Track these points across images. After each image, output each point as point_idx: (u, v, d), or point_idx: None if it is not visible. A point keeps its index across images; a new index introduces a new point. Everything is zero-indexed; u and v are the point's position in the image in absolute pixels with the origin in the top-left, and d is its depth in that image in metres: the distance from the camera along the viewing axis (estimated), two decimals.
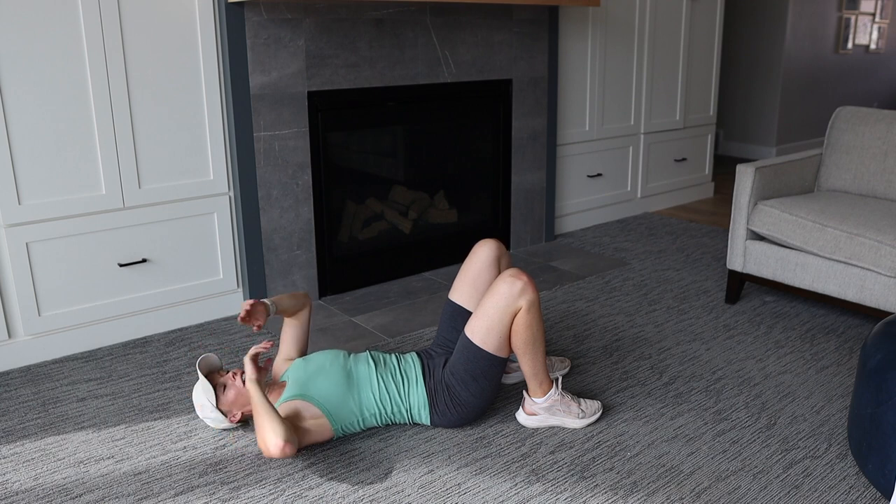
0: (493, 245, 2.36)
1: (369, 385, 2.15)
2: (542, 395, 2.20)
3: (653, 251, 3.99)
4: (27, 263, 2.62)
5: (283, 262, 3.15)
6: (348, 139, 3.28)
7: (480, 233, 3.85)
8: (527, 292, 2.06)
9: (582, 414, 2.23)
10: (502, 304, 2.06)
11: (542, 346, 2.14)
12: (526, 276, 2.08)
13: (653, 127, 4.70)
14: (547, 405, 2.20)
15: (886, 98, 7.90)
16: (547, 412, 2.21)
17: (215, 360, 2.25)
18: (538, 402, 2.21)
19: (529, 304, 2.06)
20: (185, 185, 2.91)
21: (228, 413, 2.15)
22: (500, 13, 3.61)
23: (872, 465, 1.84)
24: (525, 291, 2.06)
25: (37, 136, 2.56)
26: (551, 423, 2.23)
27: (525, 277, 2.08)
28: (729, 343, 2.82)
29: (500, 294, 2.07)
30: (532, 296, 2.07)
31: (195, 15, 2.81)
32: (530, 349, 2.12)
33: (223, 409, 2.15)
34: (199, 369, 2.17)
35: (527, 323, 2.08)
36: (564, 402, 2.21)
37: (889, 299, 2.69)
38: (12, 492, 1.95)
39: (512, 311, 2.07)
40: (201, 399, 2.14)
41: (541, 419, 2.22)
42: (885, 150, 3.16)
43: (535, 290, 2.08)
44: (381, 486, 1.96)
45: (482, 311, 2.09)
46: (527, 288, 2.06)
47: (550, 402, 2.20)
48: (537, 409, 2.21)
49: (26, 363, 2.69)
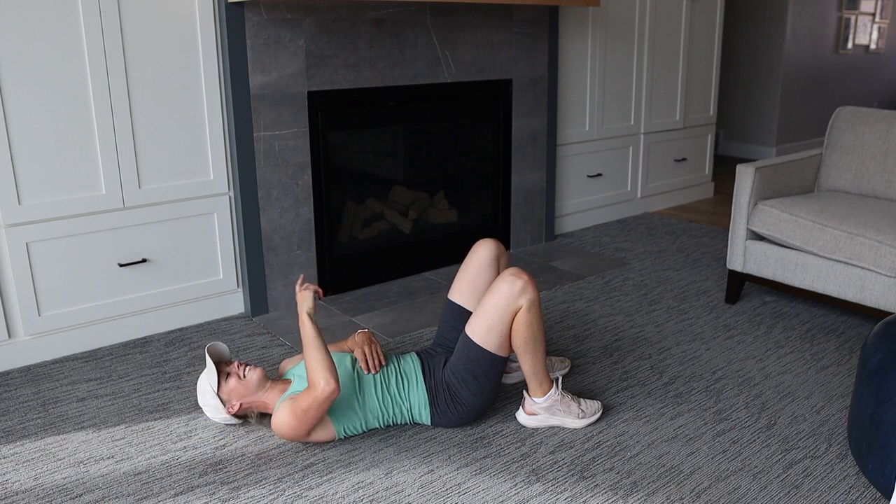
0: (492, 245, 2.37)
1: (373, 387, 2.15)
2: (542, 394, 2.20)
3: (653, 251, 3.99)
4: (27, 263, 2.62)
5: (283, 262, 3.15)
6: (348, 139, 3.28)
7: (480, 233, 3.85)
8: (527, 291, 2.06)
9: (582, 414, 2.23)
10: (503, 303, 2.06)
11: (543, 345, 2.15)
12: (526, 275, 2.09)
13: (653, 127, 4.70)
14: (547, 405, 2.20)
15: (886, 98, 7.90)
16: (547, 412, 2.21)
17: (224, 350, 2.26)
18: (538, 402, 2.21)
19: (530, 303, 2.07)
20: (185, 185, 2.91)
21: (227, 402, 2.15)
22: (500, 13, 3.61)
23: (872, 465, 1.84)
24: (525, 290, 2.06)
25: (37, 136, 2.56)
26: (551, 423, 2.23)
27: (525, 276, 2.08)
28: (729, 343, 2.82)
29: (500, 293, 2.07)
30: (532, 295, 2.07)
31: (195, 15, 2.81)
32: (531, 348, 2.12)
33: (223, 396, 2.14)
34: (208, 354, 2.17)
35: (527, 322, 2.08)
36: (564, 402, 2.22)
37: (889, 299, 2.69)
38: (12, 492, 1.95)
39: (512, 310, 2.07)
40: (203, 384, 2.15)
41: (541, 419, 2.22)
42: (885, 150, 3.16)
43: (535, 289, 2.08)
44: (381, 486, 1.96)
45: (483, 310, 2.09)
46: (527, 287, 2.06)
47: (550, 402, 2.20)
48: (537, 408, 2.21)
49: (26, 363, 2.69)
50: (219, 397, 2.14)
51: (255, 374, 2.15)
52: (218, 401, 2.14)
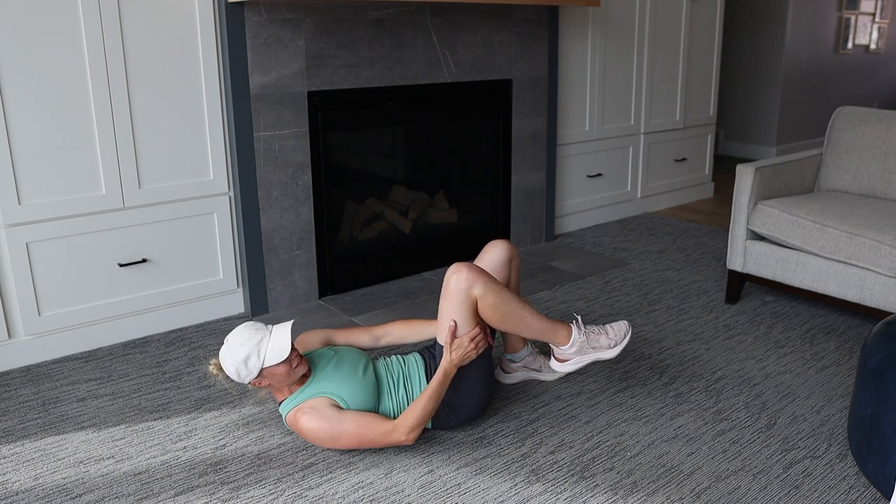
0: (506, 246, 2.34)
1: (387, 391, 2.14)
2: (566, 342, 2.16)
3: (653, 251, 3.99)
4: (27, 263, 2.62)
5: (283, 262, 3.15)
6: (348, 139, 3.28)
7: (480, 233, 3.86)
8: (475, 279, 2.03)
9: (612, 343, 2.18)
10: (456, 302, 2.03)
11: (524, 310, 2.10)
12: (465, 266, 2.05)
13: (653, 127, 4.70)
14: (575, 349, 2.16)
15: (886, 98, 7.90)
16: (578, 354, 2.17)
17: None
18: (565, 349, 2.17)
19: (483, 289, 2.03)
20: (185, 185, 2.91)
21: (260, 377, 2.01)
22: (500, 13, 3.61)
23: (872, 465, 1.84)
24: (474, 280, 2.03)
25: (37, 136, 2.56)
26: (586, 362, 2.19)
27: (465, 267, 2.04)
28: (729, 343, 2.82)
29: (452, 293, 2.04)
30: (482, 279, 2.03)
31: (195, 15, 2.81)
32: (513, 323, 2.09)
33: (265, 373, 2.00)
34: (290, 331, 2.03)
35: (492, 305, 2.05)
36: (592, 339, 2.17)
37: (889, 299, 2.69)
38: (12, 492, 1.95)
39: (471, 304, 2.04)
40: (265, 352, 1.97)
41: (574, 362, 2.18)
42: (885, 150, 3.16)
43: (481, 273, 2.04)
44: (381, 486, 1.96)
45: (443, 315, 2.06)
46: (471, 275, 2.03)
47: (578, 346, 2.16)
48: (567, 354, 2.18)
49: (26, 363, 2.69)
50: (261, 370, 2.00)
51: (301, 371, 2.04)
52: (258, 373, 1.99)
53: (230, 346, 1.98)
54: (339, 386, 2.06)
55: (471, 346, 2.05)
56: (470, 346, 2.05)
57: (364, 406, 2.07)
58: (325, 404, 2.03)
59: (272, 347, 1.97)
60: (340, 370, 2.10)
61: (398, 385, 2.15)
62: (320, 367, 2.12)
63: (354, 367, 2.12)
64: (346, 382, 2.07)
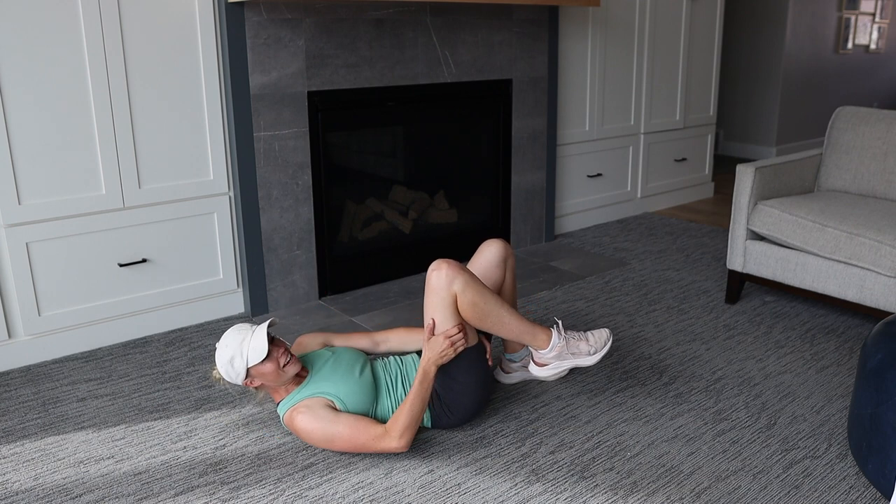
0: (500, 245, 2.35)
1: (385, 392, 2.14)
2: (545, 345, 2.15)
3: (653, 251, 3.99)
4: (27, 263, 2.62)
5: (283, 262, 3.15)
6: (348, 139, 3.28)
7: (480, 233, 3.86)
8: (455, 275, 2.03)
9: (592, 350, 2.18)
10: (436, 298, 2.03)
11: (503, 309, 2.09)
12: (445, 262, 2.05)
13: (653, 127, 4.70)
14: (554, 353, 2.16)
15: (886, 98, 7.90)
16: (557, 359, 2.17)
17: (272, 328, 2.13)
18: (544, 353, 2.16)
19: (463, 285, 2.03)
20: (185, 185, 2.91)
21: (250, 377, 2.03)
22: (500, 13, 3.61)
23: (872, 465, 1.84)
24: (454, 276, 2.02)
25: (37, 136, 2.56)
26: (565, 368, 2.18)
27: (445, 264, 2.04)
28: (729, 343, 2.82)
29: (432, 290, 2.04)
30: (461, 276, 2.03)
31: (195, 15, 2.81)
32: (491, 322, 2.08)
33: (253, 373, 2.02)
34: (268, 329, 2.03)
35: (470, 302, 2.04)
36: (572, 345, 2.16)
37: (889, 299, 2.69)
38: (12, 492, 1.95)
39: (451, 301, 2.03)
40: (247, 351, 1.98)
41: (553, 367, 2.18)
42: (885, 150, 3.16)
43: (461, 269, 2.04)
44: (381, 486, 1.96)
45: (426, 314, 2.07)
46: (451, 271, 2.03)
47: (557, 350, 2.16)
48: (546, 358, 2.17)
49: (26, 363, 2.69)
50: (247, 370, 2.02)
51: (292, 370, 2.04)
52: (245, 373, 2.01)
53: (219, 348, 2.03)
54: (336, 386, 2.06)
55: (446, 344, 2.02)
56: (446, 344, 2.02)
57: (361, 406, 2.07)
58: (320, 405, 2.03)
59: (252, 346, 1.98)
60: (338, 370, 2.10)
61: (396, 385, 2.15)
62: (317, 368, 2.13)
63: (352, 367, 2.12)
64: (343, 382, 2.07)
